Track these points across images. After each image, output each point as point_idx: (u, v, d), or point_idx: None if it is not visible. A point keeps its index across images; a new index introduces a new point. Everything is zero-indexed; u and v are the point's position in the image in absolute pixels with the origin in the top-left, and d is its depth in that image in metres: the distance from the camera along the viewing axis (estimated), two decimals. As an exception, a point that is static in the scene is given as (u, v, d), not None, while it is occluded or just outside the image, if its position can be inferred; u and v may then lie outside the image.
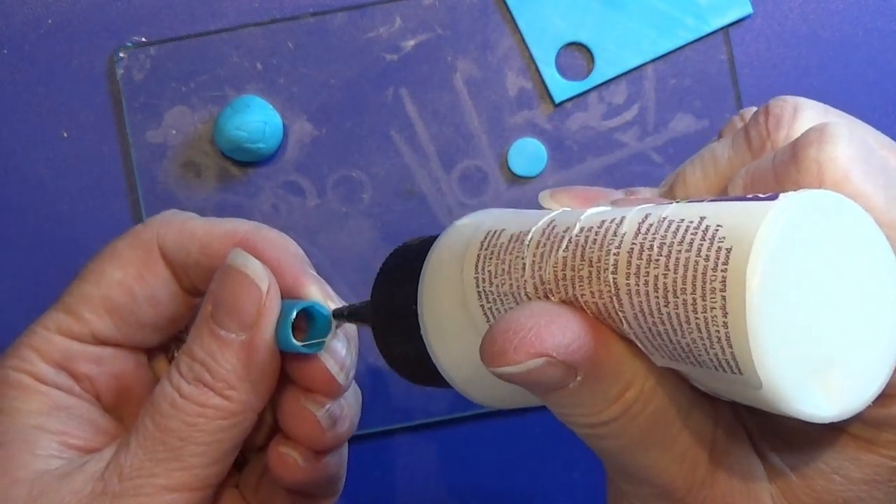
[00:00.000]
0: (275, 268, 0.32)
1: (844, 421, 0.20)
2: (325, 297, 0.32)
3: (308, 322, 0.32)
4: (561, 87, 0.43)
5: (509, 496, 0.43)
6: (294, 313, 0.31)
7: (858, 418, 0.21)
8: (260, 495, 0.35)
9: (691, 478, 0.23)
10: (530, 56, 0.43)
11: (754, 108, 0.25)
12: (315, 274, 0.33)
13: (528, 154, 0.43)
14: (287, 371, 0.33)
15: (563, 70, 0.43)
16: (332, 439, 0.33)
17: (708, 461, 0.23)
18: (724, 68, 0.43)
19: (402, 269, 0.28)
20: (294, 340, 0.31)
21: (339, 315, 0.31)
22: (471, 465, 0.43)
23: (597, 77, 0.43)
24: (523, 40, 0.43)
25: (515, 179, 0.43)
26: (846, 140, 0.21)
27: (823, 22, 0.44)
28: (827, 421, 0.20)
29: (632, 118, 0.43)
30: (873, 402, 0.20)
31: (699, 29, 0.43)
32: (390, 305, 0.28)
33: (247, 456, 0.36)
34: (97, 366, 0.34)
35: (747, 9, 0.43)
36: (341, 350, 0.33)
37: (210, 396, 0.31)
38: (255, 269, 0.31)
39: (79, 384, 0.33)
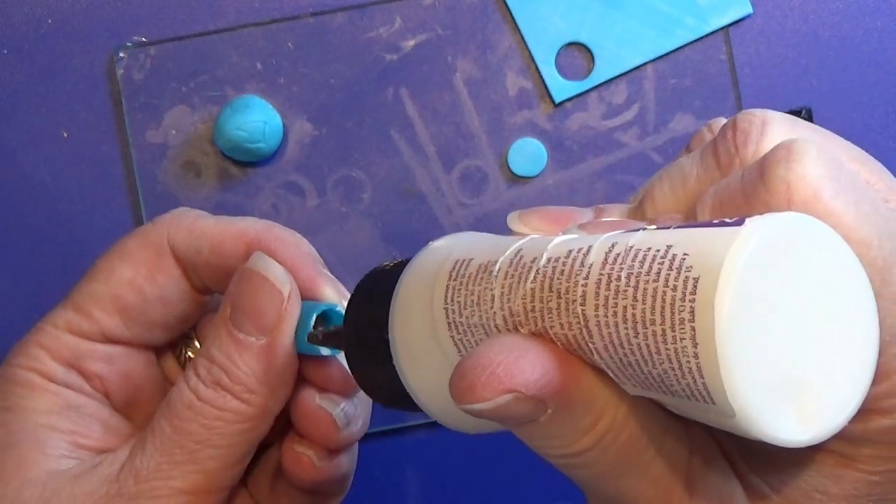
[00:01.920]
0: (288, 268, 0.32)
1: None
2: (340, 297, 0.32)
3: (325, 324, 0.32)
4: (561, 87, 0.43)
5: (509, 496, 0.43)
6: (314, 316, 0.31)
7: (837, 435, 0.20)
8: (271, 494, 0.35)
9: (667, 503, 0.23)
10: (530, 56, 0.43)
11: (723, 120, 0.25)
12: (329, 273, 0.33)
13: (528, 154, 0.43)
14: (302, 371, 0.33)
15: (563, 70, 0.43)
16: (346, 438, 0.33)
17: (684, 486, 0.23)
18: (724, 68, 0.43)
19: (375, 295, 0.27)
20: (314, 345, 0.31)
21: (314, 339, 0.31)
22: (471, 465, 0.43)
23: (597, 77, 0.43)
24: (523, 40, 0.43)
25: (515, 179, 0.43)
26: (814, 157, 0.21)
27: (823, 22, 0.44)
28: (803, 445, 0.20)
29: (632, 118, 0.43)
30: (851, 419, 0.20)
31: (699, 29, 0.43)
32: (363, 332, 0.28)
33: (256, 455, 0.36)
34: (107, 364, 0.33)
35: (747, 9, 0.43)
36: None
37: (228, 400, 0.31)
38: (277, 274, 0.31)
39: (89, 383, 0.33)
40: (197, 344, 0.37)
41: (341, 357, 0.32)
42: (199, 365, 0.31)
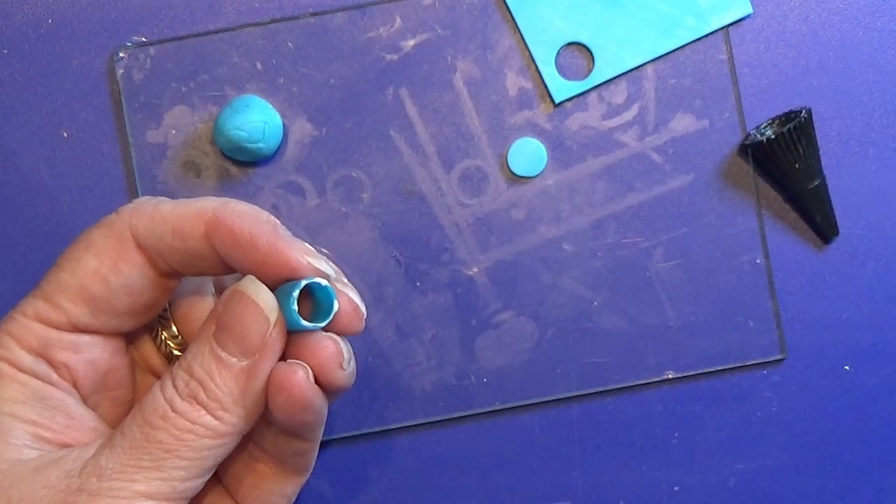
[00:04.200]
0: (248, 238, 0.32)
1: None
2: (301, 253, 0.32)
3: (310, 297, 0.33)
4: (561, 87, 0.43)
5: (509, 496, 0.43)
6: (297, 292, 0.32)
7: None
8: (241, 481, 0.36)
9: None
10: (530, 56, 0.43)
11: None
12: (289, 234, 0.33)
13: (528, 154, 0.43)
14: (290, 349, 0.33)
15: (563, 70, 0.43)
16: (342, 378, 0.33)
17: None
18: (724, 68, 0.43)
19: None
20: (301, 320, 0.32)
21: None
22: (471, 465, 0.43)
23: (597, 77, 0.43)
24: (523, 40, 0.43)
25: (515, 179, 0.43)
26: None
27: (823, 22, 0.44)
28: None
29: (632, 118, 0.43)
30: None
31: (699, 29, 0.43)
32: None
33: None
34: (74, 353, 0.34)
35: (747, 9, 0.43)
36: (353, 291, 0.34)
37: (202, 414, 0.31)
38: (266, 300, 0.32)
39: (56, 372, 0.33)
40: (174, 328, 0.37)
41: (347, 289, 0.33)
42: (177, 377, 0.32)
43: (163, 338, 0.37)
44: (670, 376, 0.43)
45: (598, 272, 0.43)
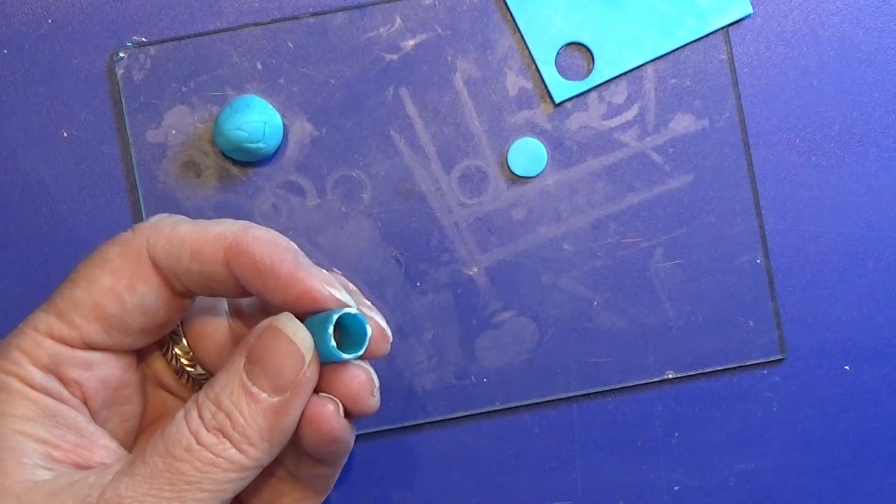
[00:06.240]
0: (269, 266, 0.32)
1: None
2: (322, 283, 0.32)
3: (341, 329, 0.33)
4: (561, 87, 0.43)
5: (509, 496, 0.43)
6: (333, 320, 0.31)
7: None
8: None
9: None
10: (530, 56, 0.43)
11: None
12: (309, 262, 0.33)
13: (528, 154, 0.43)
14: (323, 382, 0.33)
15: (563, 70, 0.43)
16: (373, 406, 0.34)
17: None
18: (724, 68, 0.43)
19: None
20: (337, 350, 0.32)
21: None
22: (471, 465, 0.43)
23: (597, 77, 0.43)
24: (523, 40, 0.43)
25: (515, 179, 0.43)
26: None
27: (823, 22, 0.44)
28: None
29: (632, 118, 0.43)
30: None
31: (699, 29, 0.43)
32: None
33: None
34: (86, 370, 0.33)
35: (747, 9, 0.43)
36: (377, 314, 0.34)
37: (227, 447, 0.31)
38: (303, 339, 0.32)
39: (67, 389, 0.33)
40: (185, 342, 0.37)
41: (375, 316, 0.34)
42: (203, 407, 0.32)
43: (174, 353, 0.37)
44: (670, 376, 0.43)
45: (598, 272, 0.43)
